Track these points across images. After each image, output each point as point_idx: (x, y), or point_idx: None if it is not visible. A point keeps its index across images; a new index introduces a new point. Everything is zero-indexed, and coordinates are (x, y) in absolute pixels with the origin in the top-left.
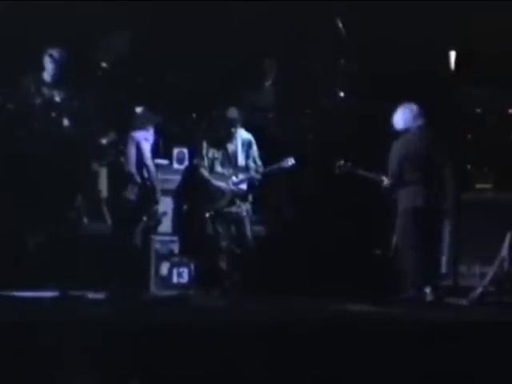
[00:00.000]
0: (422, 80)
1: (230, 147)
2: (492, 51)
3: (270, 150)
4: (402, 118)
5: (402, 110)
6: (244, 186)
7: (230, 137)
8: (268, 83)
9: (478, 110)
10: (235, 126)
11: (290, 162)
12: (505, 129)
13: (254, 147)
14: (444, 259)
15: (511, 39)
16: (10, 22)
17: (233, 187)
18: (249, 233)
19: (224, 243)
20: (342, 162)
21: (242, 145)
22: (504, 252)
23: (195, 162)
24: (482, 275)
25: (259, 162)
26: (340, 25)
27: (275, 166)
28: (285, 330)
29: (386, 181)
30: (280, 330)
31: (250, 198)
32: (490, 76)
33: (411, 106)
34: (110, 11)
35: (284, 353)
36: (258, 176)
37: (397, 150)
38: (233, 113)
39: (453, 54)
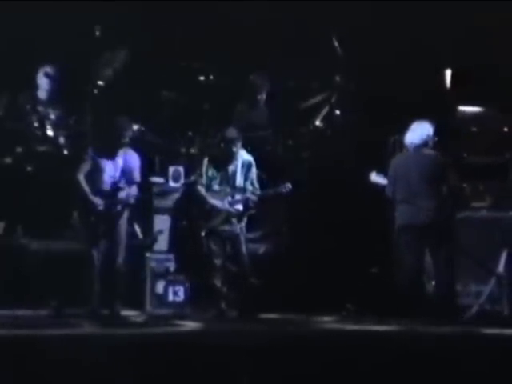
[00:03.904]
0: (417, 98)
1: (230, 167)
2: (487, 70)
3: (269, 172)
4: (408, 134)
5: (412, 126)
6: (239, 207)
7: (231, 157)
8: (265, 104)
9: (474, 129)
10: (235, 146)
11: (287, 187)
12: (500, 147)
13: (254, 169)
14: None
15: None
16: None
17: (228, 206)
18: (244, 251)
19: (218, 261)
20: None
21: (242, 166)
22: (499, 270)
23: (193, 179)
24: (478, 294)
25: (256, 185)
26: (337, 44)
27: (271, 191)
28: (280, 349)
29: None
30: (275, 350)
31: (246, 217)
32: (485, 94)
33: (421, 124)
34: (104, 29)
35: (278, 372)
36: (254, 198)
37: (392, 167)
38: (231, 133)
39: (448, 72)
